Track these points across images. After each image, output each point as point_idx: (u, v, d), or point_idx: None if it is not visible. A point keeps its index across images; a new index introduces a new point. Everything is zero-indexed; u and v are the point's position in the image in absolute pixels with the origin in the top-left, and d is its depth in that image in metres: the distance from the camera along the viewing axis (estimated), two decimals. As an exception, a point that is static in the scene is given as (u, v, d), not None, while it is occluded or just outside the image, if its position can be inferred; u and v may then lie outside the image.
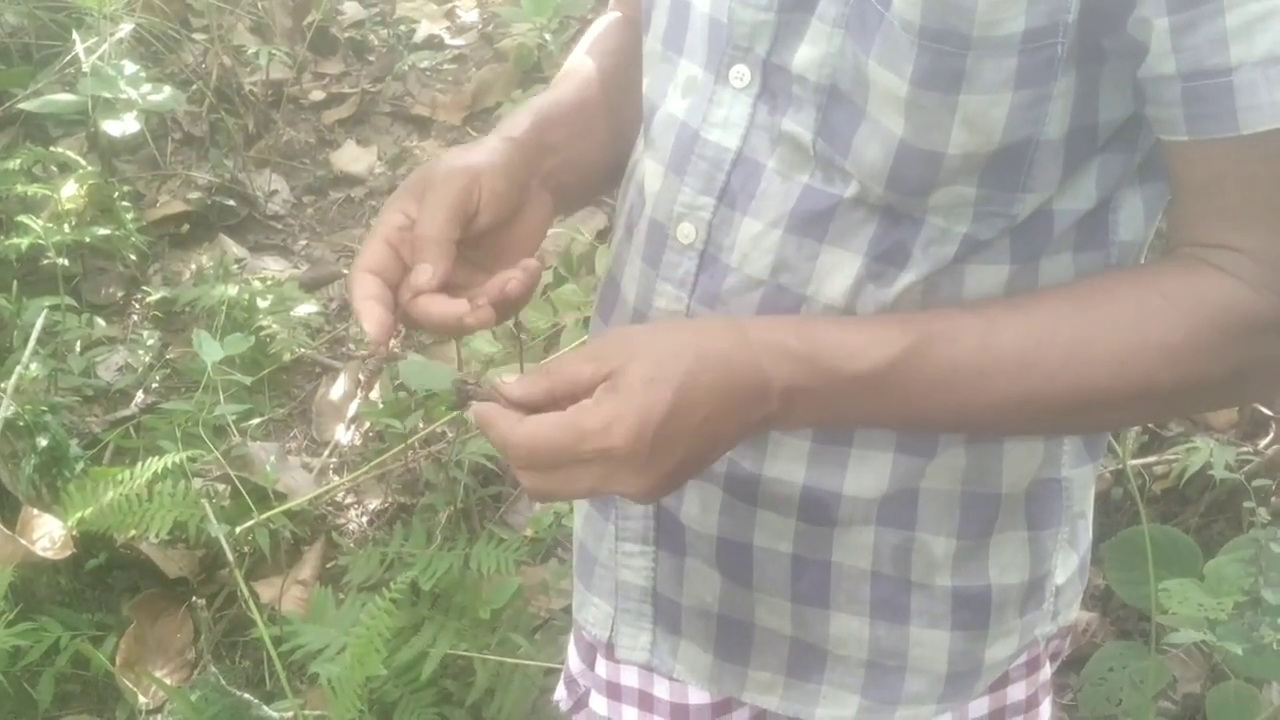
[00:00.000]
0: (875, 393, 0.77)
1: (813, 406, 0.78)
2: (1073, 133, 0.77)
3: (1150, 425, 2.16)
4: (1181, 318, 0.75)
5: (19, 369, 1.99)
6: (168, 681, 1.96)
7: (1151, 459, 2.10)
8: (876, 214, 0.81)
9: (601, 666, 1.06)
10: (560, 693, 1.16)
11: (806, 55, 0.79)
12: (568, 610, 2.08)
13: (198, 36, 3.14)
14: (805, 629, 0.95)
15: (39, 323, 2.10)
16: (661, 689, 1.02)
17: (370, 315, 0.79)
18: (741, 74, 0.83)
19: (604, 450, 0.73)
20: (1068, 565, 0.98)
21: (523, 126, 0.88)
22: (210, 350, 1.95)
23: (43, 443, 2.03)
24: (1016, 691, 1.00)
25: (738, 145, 0.83)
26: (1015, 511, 0.92)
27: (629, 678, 1.04)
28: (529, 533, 2.15)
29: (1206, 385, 0.77)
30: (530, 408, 0.76)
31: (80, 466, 2.06)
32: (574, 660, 1.12)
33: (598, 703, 1.07)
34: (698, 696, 1.02)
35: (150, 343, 2.52)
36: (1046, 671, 1.03)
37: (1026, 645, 0.98)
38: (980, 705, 0.99)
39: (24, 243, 2.32)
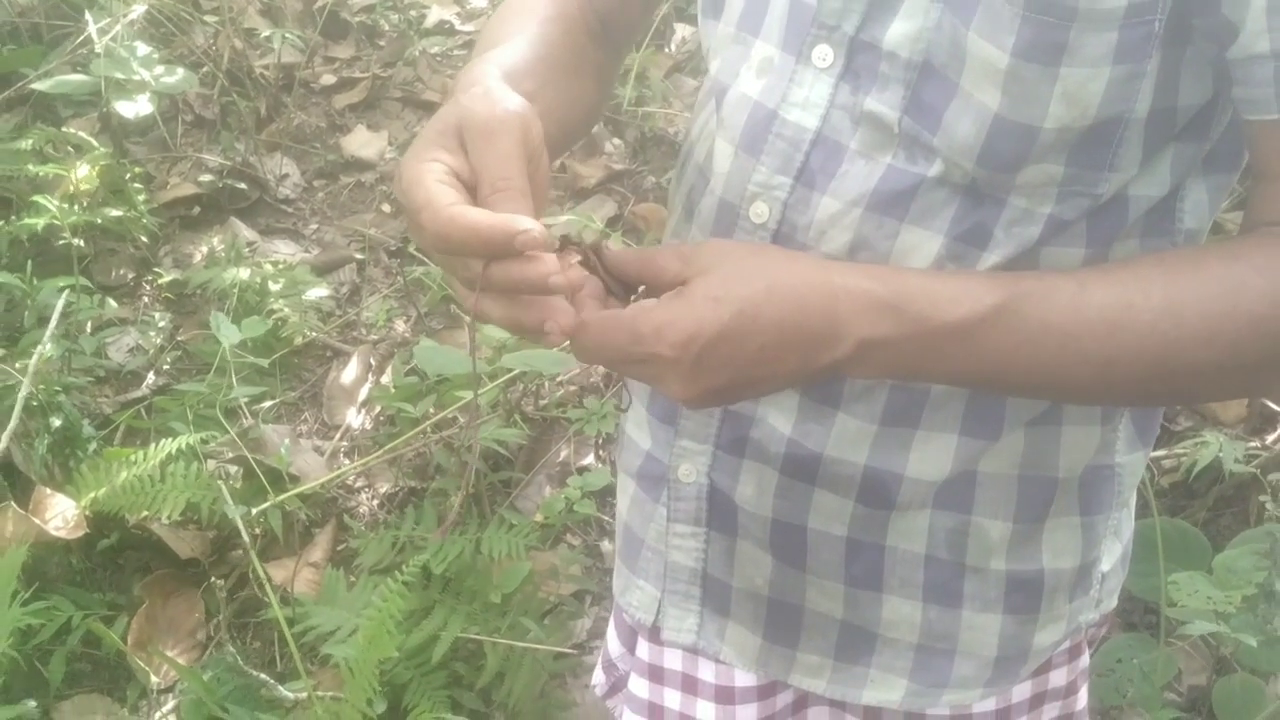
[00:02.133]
0: (960, 347, 0.75)
1: (891, 358, 0.76)
2: (1154, 114, 0.77)
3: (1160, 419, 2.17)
4: (1270, 289, 0.74)
5: (38, 351, 1.97)
6: (179, 661, 1.95)
7: (1161, 452, 2.10)
8: (959, 194, 0.80)
9: (643, 649, 1.05)
10: (597, 677, 1.15)
11: (900, 30, 0.78)
12: (577, 596, 2.10)
13: (209, 19, 3.12)
14: (856, 612, 0.95)
15: (59, 304, 2.08)
16: (706, 672, 1.02)
17: (518, 217, 0.69)
18: (825, 54, 0.82)
19: (652, 354, 0.74)
20: (1112, 554, 0.98)
21: (495, 76, 0.81)
22: (228, 333, 1.93)
23: (56, 423, 2.02)
24: (1058, 677, 1.01)
25: (817, 125, 0.83)
26: (1069, 496, 0.92)
27: (672, 660, 1.03)
28: (539, 518, 2.15)
29: None
30: (617, 276, 0.78)
31: (93, 447, 2.05)
32: (613, 644, 1.12)
33: (638, 686, 1.06)
34: (743, 679, 1.01)
35: (162, 324, 2.51)
36: (1086, 658, 1.03)
37: (1071, 631, 0.98)
38: (1023, 690, 0.99)
39: (40, 223, 2.30)
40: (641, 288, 0.80)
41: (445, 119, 0.76)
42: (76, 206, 2.41)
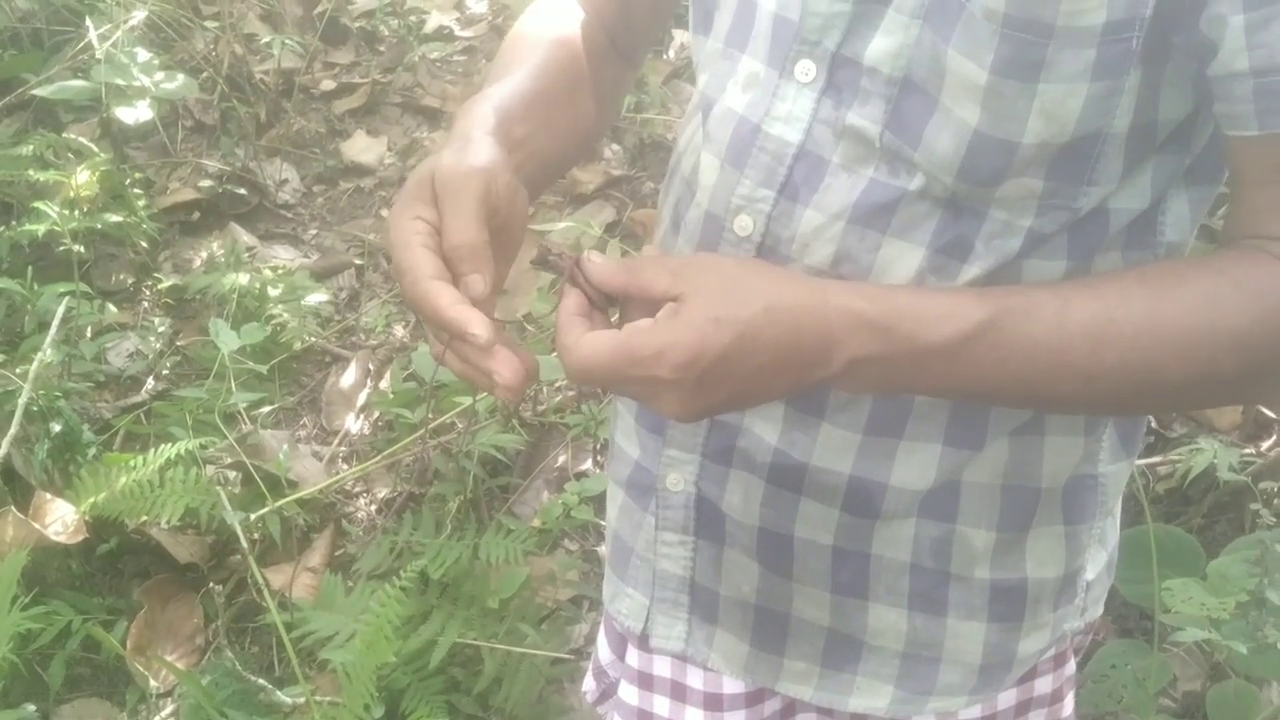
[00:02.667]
0: (947, 364, 0.77)
1: (880, 375, 0.78)
2: (1134, 129, 0.78)
3: (1155, 426, 2.18)
4: (1249, 304, 0.76)
5: (39, 356, 1.99)
6: (178, 666, 1.97)
7: (1156, 459, 2.11)
8: (940, 207, 0.82)
9: (633, 657, 1.06)
10: (588, 683, 1.16)
11: (881, 46, 0.80)
12: (575, 601, 2.12)
13: (209, 25, 3.14)
14: (843, 620, 0.96)
15: (60, 310, 2.10)
16: (695, 679, 1.03)
17: (476, 318, 0.75)
18: (807, 69, 0.83)
19: (652, 377, 0.75)
20: (1097, 562, 0.99)
21: (490, 123, 0.86)
22: (227, 339, 1.95)
23: (56, 428, 2.03)
24: (1043, 685, 1.02)
25: (800, 139, 0.84)
26: (1053, 506, 0.93)
27: (661, 668, 1.05)
28: (537, 523, 2.16)
29: (1269, 372, 0.78)
30: (601, 289, 0.79)
31: (92, 452, 2.07)
32: (603, 651, 1.13)
33: (628, 693, 1.07)
34: (731, 686, 1.02)
35: (161, 330, 2.53)
36: (1072, 666, 1.04)
37: (1056, 639, 0.99)
38: (1008, 697, 1.00)
39: (40, 228, 2.32)
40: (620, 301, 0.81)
41: (425, 171, 0.82)
42: (77, 212, 2.42)
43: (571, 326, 0.77)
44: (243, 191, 2.89)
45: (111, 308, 2.53)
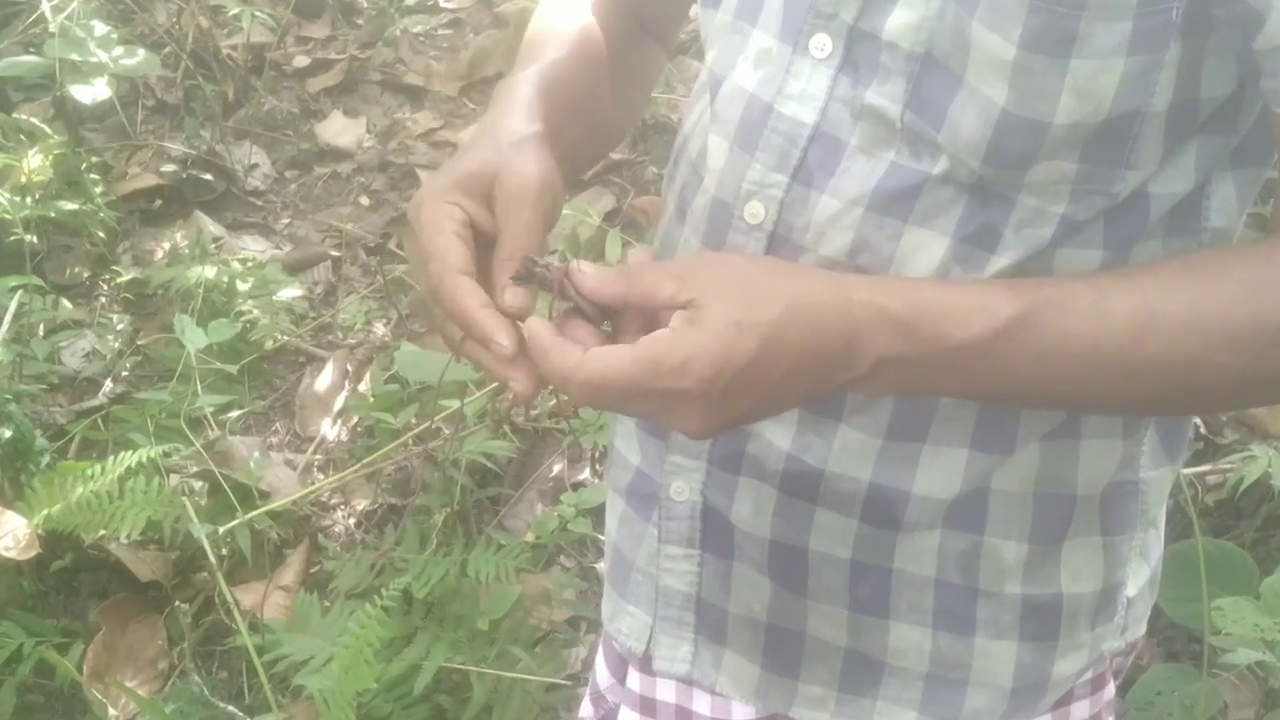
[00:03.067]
0: (976, 363, 0.78)
1: (906, 376, 0.78)
2: (1175, 107, 0.79)
3: (1204, 431, 2.19)
4: None
5: (-10, 355, 2.00)
6: (139, 693, 1.98)
7: (1205, 468, 2.12)
8: (966, 192, 0.82)
9: (634, 680, 1.07)
10: (585, 709, 1.17)
11: (901, 19, 0.80)
12: (571, 622, 2.13)
13: (172, -5, 3.16)
14: (861, 639, 0.97)
15: (12, 307, 2.11)
16: (702, 704, 1.04)
17: (504, 328, 0.77)
18: (823, 44, 0.84)
19: (677, 390, 0.75)
20: (1139, 577, 1.00)
21: (538, 111, 0.88)
22: (193, 337, 1.96)
23: (6, 434, 2.04)
24: (1080, 710, 1.02)
25: (815, 119, 0.85)
26: (1090, 515, 0.94)
27: (665, 692, 1.05)
28: (530, 538, 2.17)
29: None
30: (597, 303, 0.79)
31: (46, 460, 2.08)
32: (602, 674, 1.14)
33: (629, 719, 1.08)
34: (741, 712, 1.03)
35: (120, 327, 2.54)
36: (1111, 690, 1.05)
37: (1094, 661, 1.00)
38: (1043, 724, 1.01)
39: (-12, 217, 2.33)
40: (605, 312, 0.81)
41: (483, 162, 0.83)
42: (28, 199, 2.44)
43: (565, 349, 0.77)
44: (209, 177, 2.91)
45: (66, 303, 2.55)
